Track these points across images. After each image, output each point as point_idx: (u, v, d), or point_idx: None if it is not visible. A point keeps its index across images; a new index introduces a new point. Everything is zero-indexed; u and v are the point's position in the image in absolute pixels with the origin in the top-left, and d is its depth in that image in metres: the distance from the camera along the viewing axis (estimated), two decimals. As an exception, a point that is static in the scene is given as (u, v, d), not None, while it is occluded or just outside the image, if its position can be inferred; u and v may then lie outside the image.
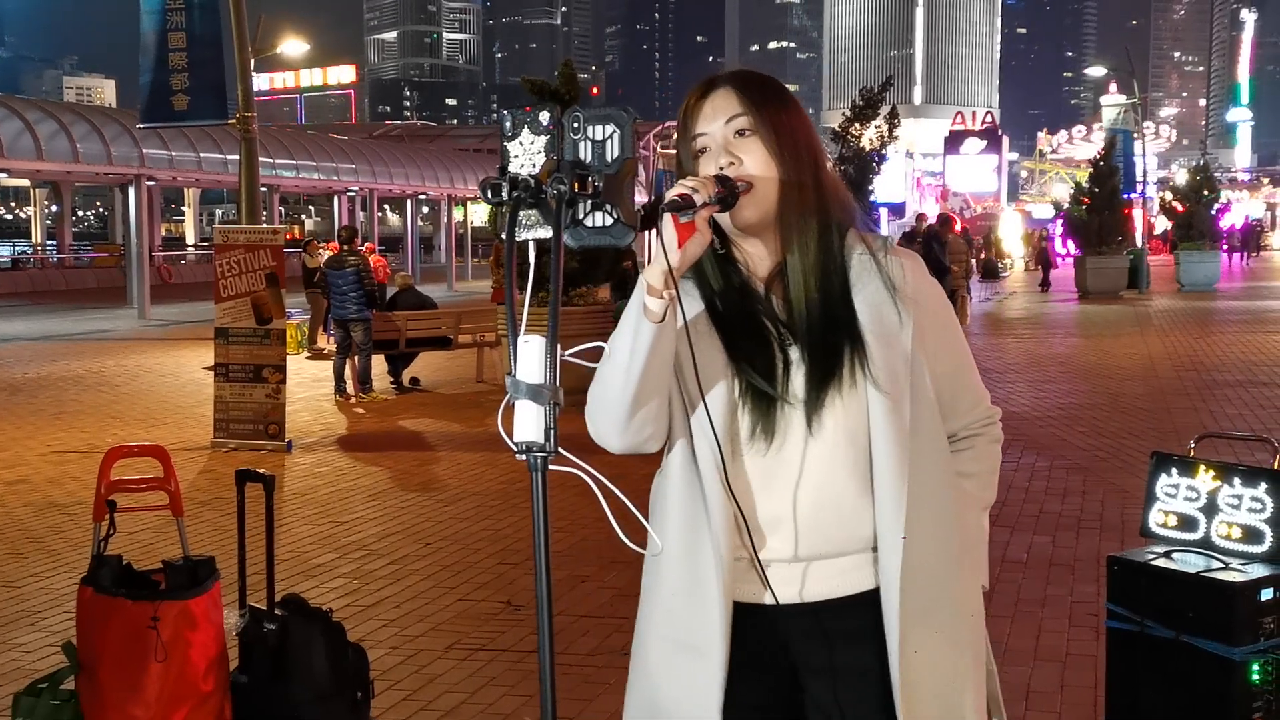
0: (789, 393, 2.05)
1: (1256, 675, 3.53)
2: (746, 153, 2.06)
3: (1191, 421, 11.16)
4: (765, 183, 2.05)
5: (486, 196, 1.71)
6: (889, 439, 2.03)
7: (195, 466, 9.99)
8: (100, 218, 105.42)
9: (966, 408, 2.24)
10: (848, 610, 2.08)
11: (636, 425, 2.02)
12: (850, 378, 2.05)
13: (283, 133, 44.47)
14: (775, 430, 2.05)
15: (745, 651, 2.08)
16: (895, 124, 24.74)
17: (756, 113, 2.06)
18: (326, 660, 4.26)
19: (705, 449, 2.04)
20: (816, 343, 2.05)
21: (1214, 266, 34.47)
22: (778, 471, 2.06)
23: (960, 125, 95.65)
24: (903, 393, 2.05)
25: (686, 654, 2.07)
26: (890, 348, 2.06)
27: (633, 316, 1.96)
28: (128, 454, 4.58)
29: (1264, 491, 3.68)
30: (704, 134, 2.08)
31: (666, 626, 2.10)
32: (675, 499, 2.10)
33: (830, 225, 2.10)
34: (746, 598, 2.08)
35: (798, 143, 2.08)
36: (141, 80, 12.81)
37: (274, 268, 10.85)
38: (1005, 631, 5.60)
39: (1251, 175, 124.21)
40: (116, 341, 22.16)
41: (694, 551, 2.06)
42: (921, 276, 2.15)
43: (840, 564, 2.08)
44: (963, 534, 2.15)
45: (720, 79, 2.12)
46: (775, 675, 2.11)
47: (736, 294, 2.11)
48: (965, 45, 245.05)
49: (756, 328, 2.09)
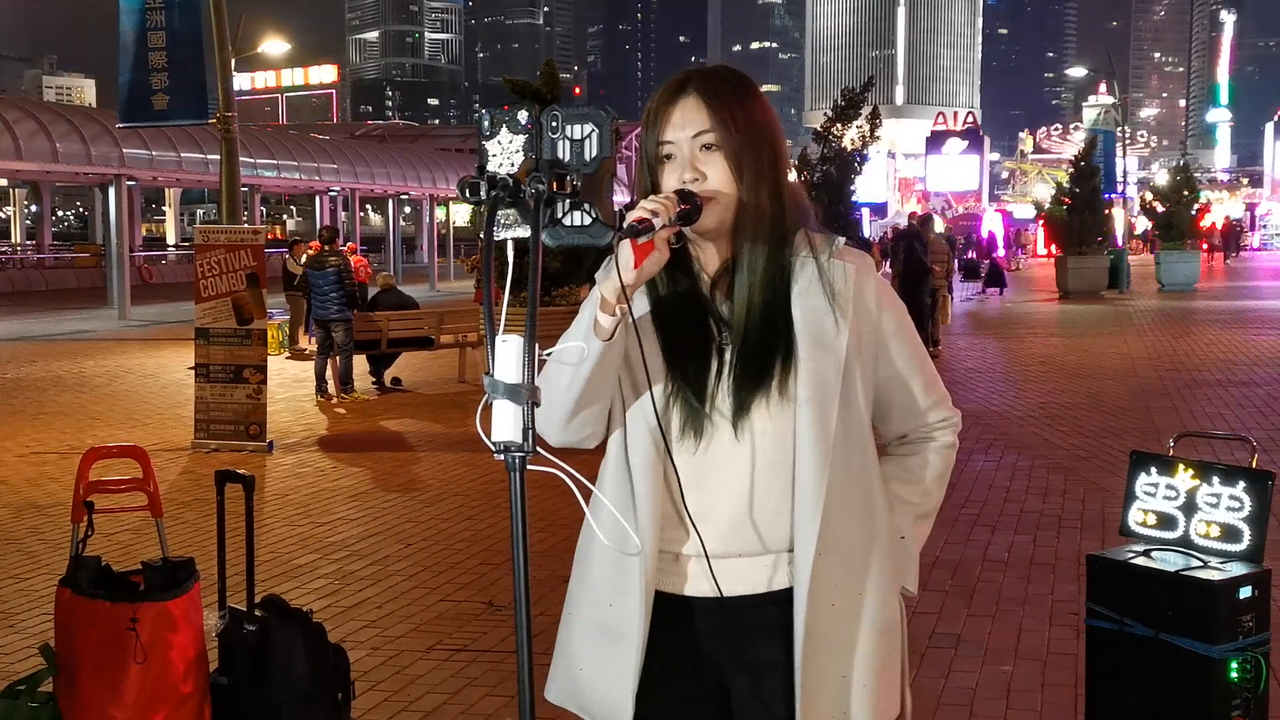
0: (718, 397, 2.09)
1: (1235, 673, 3.55)
2: (711, 168, 2.08)
3: (1171, 420, 11.21)
4: (728, 197, 2.08)
5: (465, 195, 1.71)
6: (812, 447, 2.07)
7: (176, 467, 9.95)
8: (80, 218, 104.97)
9: (917, 410, 2.27)
10: (764, 608, 2.12)
11: (576, 426, 2.09)
12: (779, 385, 2.08)
13: (264, 132, 44.36)
14: (702, 431, 2.09)
15: (667, 642, 2.14)
16: (877, 124, 24.76)
17: (723, 130, 2.07)
18: (307, 661, 4.24)
19: (639, 442, 2.10)
20: (749, 349, 2.09)
21: (1194, 266, 34.59)
22: (703, 470, 2.10)
23: (942, 125, 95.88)
24: (830, 401, 2.08)
25: (607, 638, 2.14)
26: (823, 354, 2.08)
27: (584, 327, 2.00)
28: (106, 455, 4.57)
29: (1242, 490, 3.69)
30: (670, 143, 2.10)
31: (591, 610, 2.18)
32: (609, 486, 2.15)
33: (784, 231, 2.13)
34: (670, 588, 2.14)
35: (760, 159, 2.10)
36: (121, 80, 12.73)
37: (255, 268, 10.81)
38: (986, 630, 5.62)
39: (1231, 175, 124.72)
40: (96, 342, 22.06)
41: (622, 534, 2.11)
42: (867, 279, 2.16)
43: (759, 562, 2.12)
44: (885, 540, 2.17)
45: (691, 82, 2.12)
46: (696, 668, 2.16)
47: (683, 294, 2.14)
48: (947, 46, 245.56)
49: (697, 328, 2.12)
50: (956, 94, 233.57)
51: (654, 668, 2.12)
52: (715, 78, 2.13)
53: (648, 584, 2.10)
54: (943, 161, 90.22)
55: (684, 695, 2.17)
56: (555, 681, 2.25)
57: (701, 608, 2.14)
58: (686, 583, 2.14)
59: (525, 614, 1.69)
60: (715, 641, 2.15)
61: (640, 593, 2.10)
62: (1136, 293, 31.85)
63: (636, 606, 2.10)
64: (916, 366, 2.24)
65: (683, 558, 2.13)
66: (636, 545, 2.09)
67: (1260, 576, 3.63)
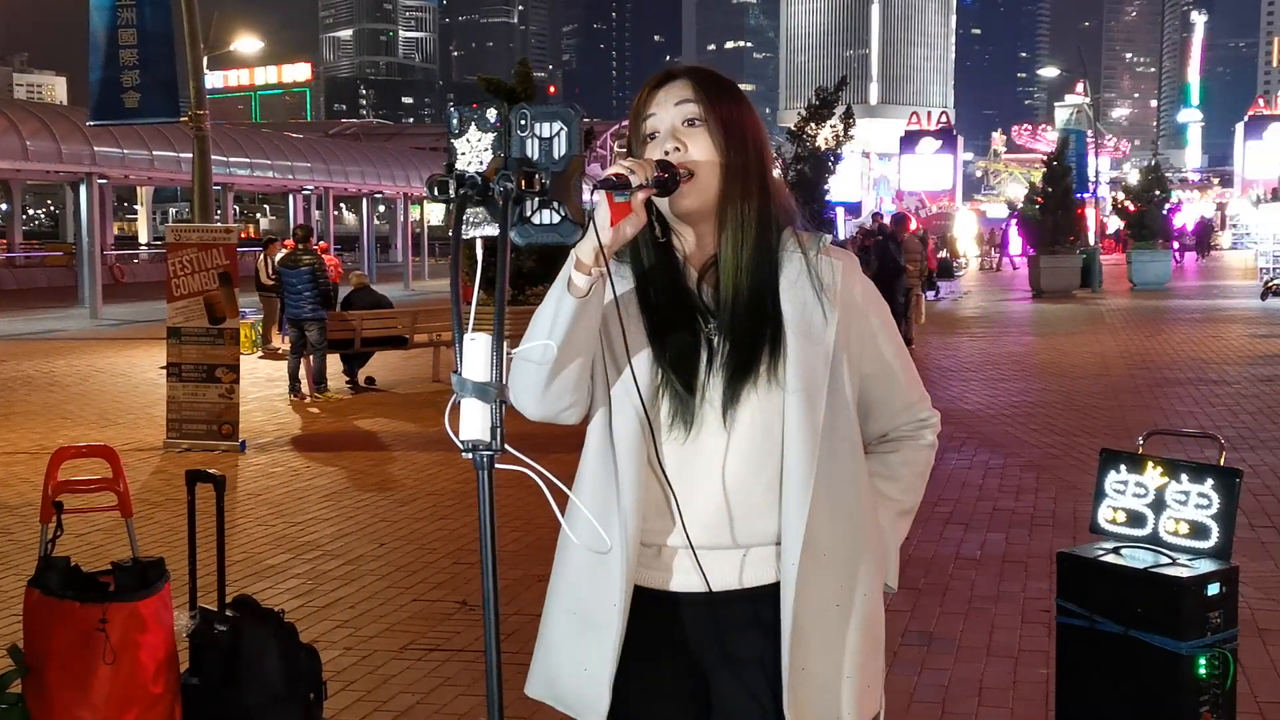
0: (708, 386, 2.09)
1: (1204, 669, 3.57)
2: (693, 141, 2.09)
3: (1142, 418, 11.28)
4: (708, 172, 2.08)
5: (433, 194, 1.71)
6: (801, 437, 2.06)
7: (148, 467, 9.89)
8: (51, 216, 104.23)
9: (898, 409, 2.28)
10: (748, 600, 2.12)
11: (554, 395, 2.04)
12: (768, 374, 2.08)
13: (237, 131, 44.14)
14: (693, 421, 2.08)
15: (651, 637, 2.12)
16: (851, 124, 24.82)
17: (708, 104, 2.10)
18: (278, 661, 4.23)
19: (624, 430, 2.08)
20: (739, 338, 2.08)
21: (1165, 266, 34.81)
22: (691, 461, 2.09)
23: (915, 125, 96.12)
24: (819, 392, 2.08)
25: (585, 631, 2.13)
26: (812, 347, 2.09)
27: (558, 289, 1.98)
28: (76, 455, 4.54)
29: (1210, 487, 3.72)
30: (653, 115, 2.11)
31: (570, 599, 2.17)
32: (590, 475, 2.14)
33: (770, 222, 2.13)
34: (652, 583, 2.13)
35: (746, 138, 2.12)
36: (92, 78, 12.67)
37: (227, 267, 10.77)
38: (959, 628, 5.64)
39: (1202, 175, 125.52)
40: (67, 341, 21.92)
41: (602, 522, 2.10)
42: (853, 277, 2.18)
43: (743, 555, 2.12)
44: (871, 535, 2.18)
45: (678, 71, 2.16)
46: (680, 663, 2.16)
47: (668, 281, 2.14)
48: (920, 46, 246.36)
49: (683, 317, 2.12)
50: (930, 94, 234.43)
51: (635, 663, 2.11)
52: (701, 69, 2.17)
53: (628, 573, 2.08)
54: (916, 161, 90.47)
55: (666, 691, 2.16)
56: (534, 676, 2.23)
57: (685, 602, 2.13)
58: (671, 578, 2.13)
59: (494, 613, 1.69)
60: (699, 636, 2.14)
61: (619, 585, 2.08)
62: (1109, 292, 32.02)
63: (615, 599, 2.09)
64: (900, 365, 2.26)
65: (665, 550, 2.12)
66: (606, 544, 2.08)
67: (1228, 573, 3.66)
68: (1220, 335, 19.79)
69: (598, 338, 2.04)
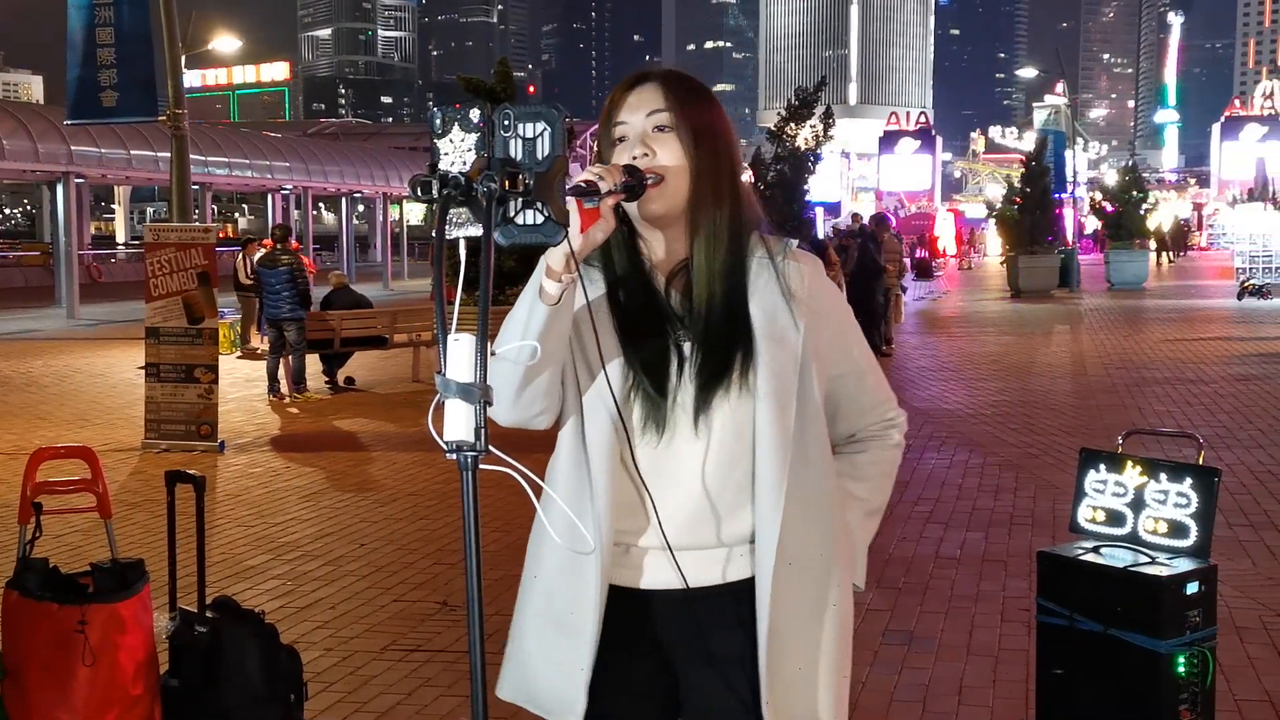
0: (680, 391, 2.10)
1: (1182, 668, 3.59)
2: (662, 147, 2.09)
3: (1120, 418, 11.33)
4: (676, 178, 2.08)
5: (416, 194, 1.70)
6: (772, 441, 2.08)
7: (126, 468, 9.85)
8: (28, 215, 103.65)
9: (865, 409, 2.30)
10: (722, 599, 2.14)
11: (525, 401, 2.05)
12: (739, 379, 2.09)
13: (215, 130, 43.98)
14: (665, 426, 2.10)
15: (621, 635, 2.13)
16: (830, 124, 24.84)
17: (679, 110, 2.10)
18: (259, 663, 4.21)
19: (597, 433, 2.09)
20: (711, 344, 2.10)
21: (1142, 265, 34.98)
22: (663, 465, 2.11)
23: (894, 125, 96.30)
24: (789, 396, 2.10)
25: (560, 632, 2.14)
26: (781, 352, 2.10)
27: (529, 296, 1.98)
28: (54, 455, 4.52)
29: (1189, 487, 3.74)
30: (624, 123, 2.11)
31: (543, 603, 2.17)
32: (562, 478, 2.14)
33: (741, 228, 2.14)
34: (624, 582, 2.14)
35: (716, 144, 2.12)
36: (69, 76, 12.58)
37: (205, 267, 10.73)
38: (939, 627, 5.66)
39: (1179, 176, 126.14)
40: (45, 341, 21.80)
41: (575, 529, 2.10)
42: (819, 281, 2.19)
43: (717, 554, 2.13)
44: (841, 538, 2.20)
45: (650, 74, 2.16)
46: (651, 660, 2.17)
47: (639, 286, 2.14)
48: (899, 46, 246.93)
49: (654, 323, 2.12)
50: (909, 94, 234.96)
51: (607, 657, 2.12)
52: (673, 73, 2.17)
53: (602, 577, 2.10)
54: (895, 161, 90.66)
55: (637, 686, 2.17)
56: (506, 678, 2.24)
57: (658, 599, 2.14)
58: (642, 575, 2.14)
59: (478, 613, 1.69)
60: (674, 632, 2.15)
61: (595, 586, 2.09)
62: (1086, 291, 32.17)
63: (591, 600, 2.10)
64: (866, 366, 2.28)
65: (636, 550, 2.14)
66: (589, 544, 2.09)
67: (1207, 572, 3.68)
68: (1198, 335, 19.90)
69: (569, 344, 2.06)
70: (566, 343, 2.04)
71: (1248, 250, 29.86)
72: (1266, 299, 27.20)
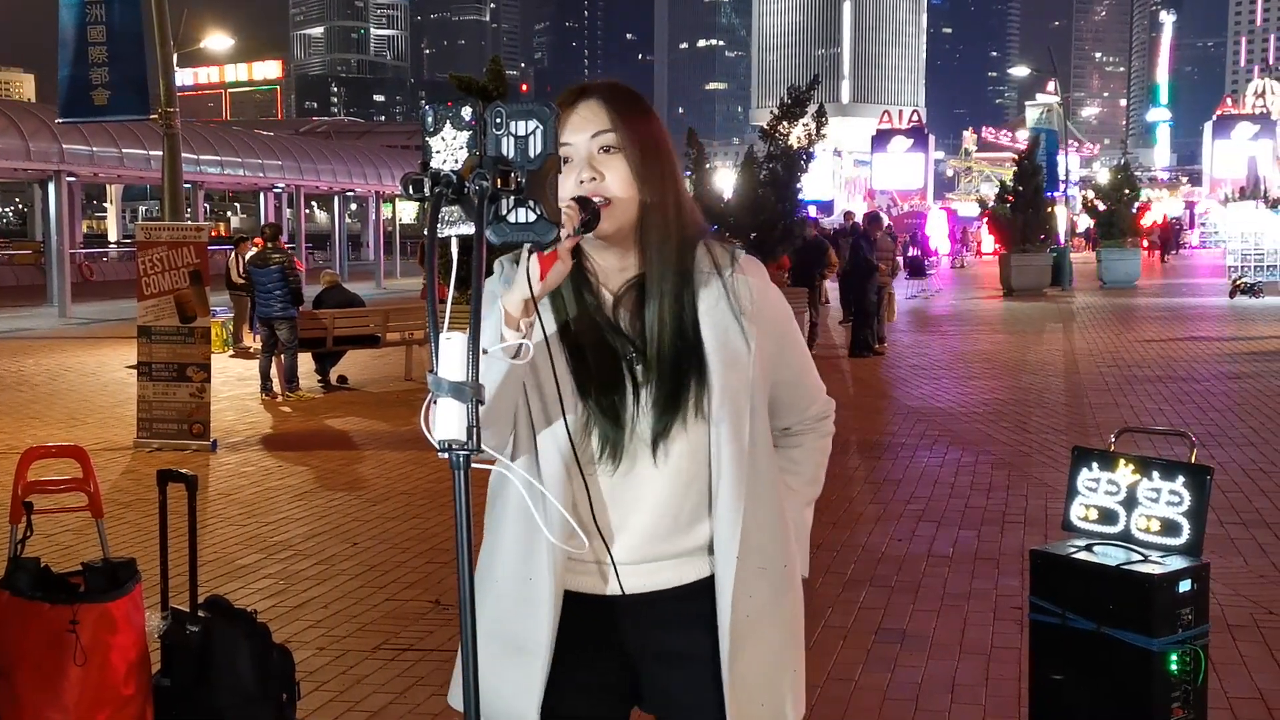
0: (638, 420, 2.10)
1: (1175, 666, 3.59)
2: (609, 169, 2.06)
3: (1112, 416, 11.34)
4: (626, 198, 2.07)
5: (408, 192, 1.70)
6: (730, 461, 2.10)
7: (118, 467, 9.83)
8: (19, 214, 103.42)
9: (803, 406, 2.34)
10: (682, 599, 2.15)
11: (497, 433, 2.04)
12: (694, 404, 2.10)
13: (207, 128, 43.89)
14: (621, 454, 2.10)
15: (576, 637, 2.13)
16: (823, 122, 24.82)
17: (624, 129, 2.07)
18: (251, 662, 4.20)
19: (551, 466, 2.07)
20: (665, 372, 2.10)
21: (1134, 264, 35.01)
22: (622, 489, 2.12)
23: (887, 124, 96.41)
24: (742, 418, 2.11)
25: (512, 653, 2.12)
26: (734, 375, 2.11)
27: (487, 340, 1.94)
28: (45, 455, 4.50)
29: (1181, 485, 3.74)
30: (569, 144, 2.07)
31: (495, 624, 2.14)
32: (514, 496, 2.12)
33: (687, 242, 2.13)
34: (578, 588, 2.14)
35: (661, 160, 2.11)
36: (60, 75, 12.56)
37: (198, 265, 10.71)
38: (931, 625, 5.66)
39: (1171, 174, 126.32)
40: (36, 340, 21.76)
41: (527, 547, 2.10)
42: (765, 290, 2.19)
43: (671, 562, 2.15)
44: (791, 537, 2.24)
45: (590, 89, 2.12)
46: (607, 659, 2.17)
47: (588, 312, 2.12)
48: (892, 45, 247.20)
49: (603, 348, 2.11)
50: (901, 92, 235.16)
51: (563, 665, 2.12)
52: (614, 87, 2.14)
53: (555, 600, 2.09)
54: (888, 160, 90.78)
55: (593, 684, 2.18)
56: (456, 685, 2.21)
57: (609, 603, 2.15)
58: (592, 581, 2.14)
59: (470, 613, 1.68)
60: (635, 634, 2.16)
61: (548, 604, 2.09)
62: (1079, 289, 32.20)
63: (545, 618, 2.09)
64: (806, 367, 2.32)
65: (597, 563, 2.14)
66: (584, 543, 2.08)
67: (1199, 570, 3.68)
68: (1189, 333, 19.93)
69: (522, 381, 2.04)
70: (520, 388, 2.04)
71: (1239, 248, 29.87)
72: (1258, 297, 27.25)
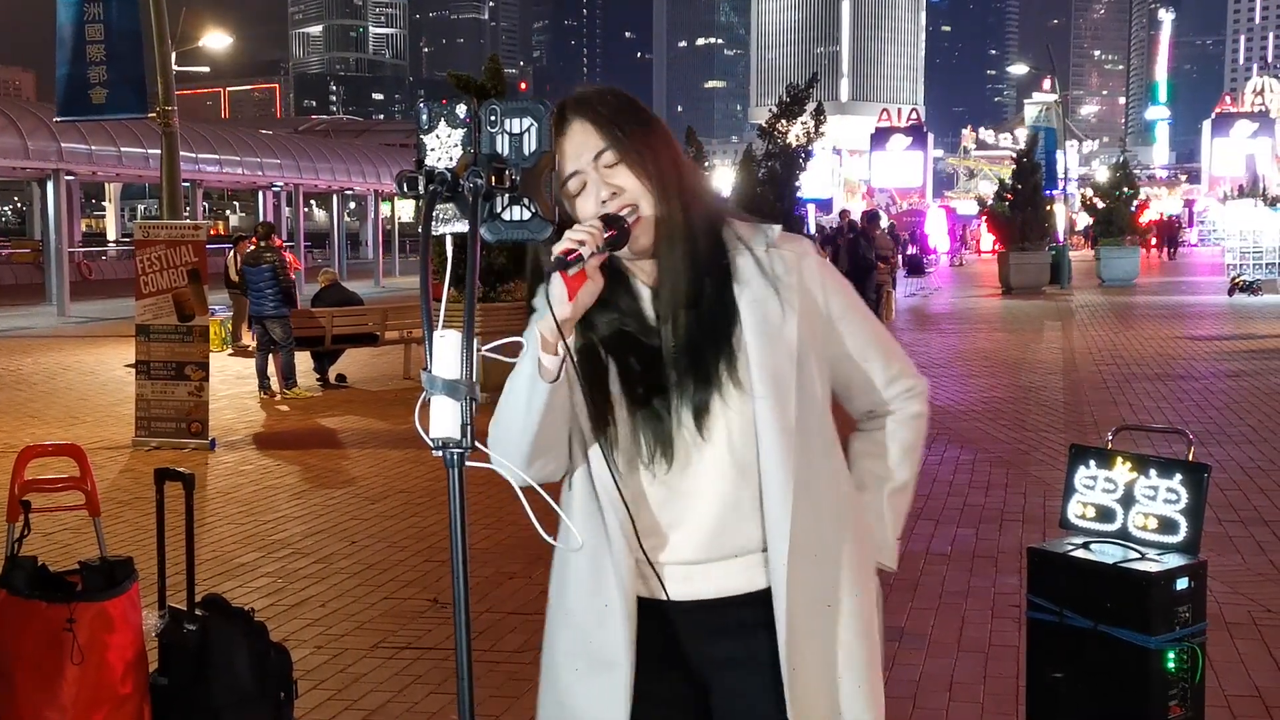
0: (680, 409, 2.06)
1: (1172, 664, 3.59)
2: (623, 179, 2.05)
3: (1110, 414, 11.34)
4: (648, 204, 2.05)
5: (402, 190, 1.70)
6: (774, 440, 2.05)
7: (116, 465, 9.83)
8: (18, 213, 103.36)
9: (880, 384, 2.24)
10: (744, 606, 2.10)
11: (537, 468, 2.04)
12: (731, 381, 2.06)
13: (205, 127, 43.85)
14: (673, 449, 2.07)
15: (650, 649, 2.10)
16: (822, 120, 24.82)
17: (618, 144, 2.04)
18: (248, 661, 4.20)
19: (601, 470, 2.06)
20: (691, 348, 2.06)
21: (1133, 262, 35.00)
22: (677, 487, 2.08)
23: (886, 122, 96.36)
24: (788, 393, 2.06)
25: (594, 666, 2.10)
26: (774, 346, 2.06)
27: (527, 371, 1.95)
28: (43, 453, 4.50)
29: (1179, 483, 3.74)
30: (577, 173, 2.06)
31: (574, 643, 2.12)
32: (579, 510, 2.11)
33: (701, 223, 2.10)
34: (646, 593, 2.10)
35: (660, 160, 2.07)
36: (58, 73, 12.54)
37: (196, 264, 10.70)
38: (929, 623, 5.66)
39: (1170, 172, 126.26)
40: (35, 339, 21.75)
41: (597, 563, 2.08)
42: (809, 262, 2.15)
43: (735, 565, 2.10)
44: (857, 531, 2.16)
45: (569, 110, 2.08)
46: (680, 671, 2.14)
47: (621, 312, 2.10)
48: (891, 43, 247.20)
49: (644, 349, 2.09)
50: (900, 91, 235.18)
51: (639, 679, 2.09)
52: (589, 101, 2.09)
53: (629, 608, 2.06)
54: (887, 158, 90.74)
55: (667, 698, 2.13)
56: (545, 709, 2.19)
57: (680, 609, 2.11)
58: (666, 587, 2.10)
59: (465, 611, 1.68)
60: (698, 642, 2.12)
61: (623, 615, 2.06)
62: (1077, 288, 32.19)
63: (621, 633, 2.06)
64: (871, 342, 2.22)
65: (658, 564, 2.10)
66: (578, 542, 2.07)
67: (1196, 568, 3.68)
68: (1188, 331, 19.93)
69: (569, 404, 2.02)
70: (569, 409, 2.02)
71: (1238, 246, 29.87)
72: (1257, 295, 27.25)
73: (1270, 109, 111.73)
